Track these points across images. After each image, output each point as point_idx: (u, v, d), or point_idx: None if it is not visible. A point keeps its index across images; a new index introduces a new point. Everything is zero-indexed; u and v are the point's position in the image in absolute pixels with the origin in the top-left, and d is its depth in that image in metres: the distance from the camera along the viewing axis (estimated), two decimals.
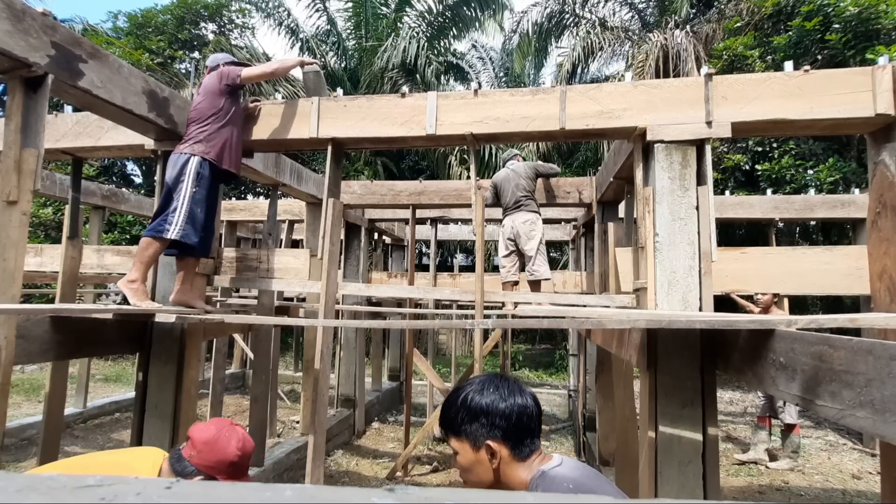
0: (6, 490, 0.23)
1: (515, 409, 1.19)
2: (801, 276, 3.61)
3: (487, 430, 1.18)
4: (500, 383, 1.24)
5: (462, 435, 1.22)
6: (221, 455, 1.55)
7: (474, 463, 1.21)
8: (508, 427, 1.18)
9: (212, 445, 1.55)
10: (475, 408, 1.20)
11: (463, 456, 1.22)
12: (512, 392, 1.22)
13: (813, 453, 6.28)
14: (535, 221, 4.85)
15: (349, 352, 7.13)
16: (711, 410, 2.64)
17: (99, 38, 12.21)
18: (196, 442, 1.55)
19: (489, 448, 1.18)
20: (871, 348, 1.48)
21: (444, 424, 1.28)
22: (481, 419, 1.19)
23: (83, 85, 2.83)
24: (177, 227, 2.94)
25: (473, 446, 1.20)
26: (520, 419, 1.19)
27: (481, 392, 1.22)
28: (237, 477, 1.60)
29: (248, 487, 0.27)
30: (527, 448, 1.20)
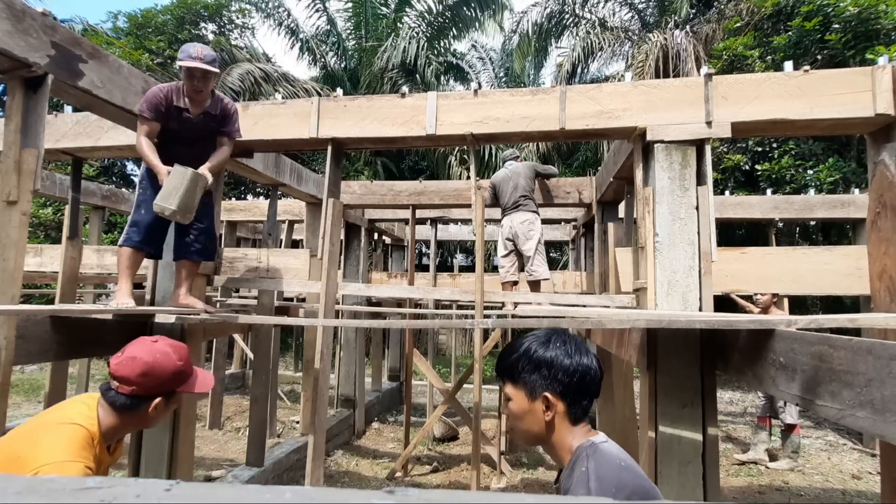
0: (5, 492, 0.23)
1: (580, 369, 1.18)
2: (801, 276, 3.61)
3: (548, 382, 1.18)
4: (566, 339, 1.23)
5: (520, 382, 1.21)
6: (166, 373, 1.54)
7: (527, 412, 1.21)
8: (570, 384, 1.18)
9: (151, 372, 1.51)
10: (538, 359, 1.19)
11: (516, 403, 1.22)
12: (578, 351, 1.21)
13: (813, 453, 6.28)
14: (533, 221, 4.86)
15: (349, 352, 7.13)
16: (711, 410, 2.64)
17: (99, 39, 12.21)
18: (133, 377, 1.49)
19: (546, 399, 1.18)
20: (871, 348, 1.48)
21: (501, 370, 1.26)
22: (543, 370, 1.19)
23: (83, 85, 2.83)
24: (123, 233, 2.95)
25: (530, 395, 1.20)
26: (582, 379, 1.18)
27: (546, 345, 1.21)
28: (190, 374, 1.63)
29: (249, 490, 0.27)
30: (581, 411, 1.20)
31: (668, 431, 2.63)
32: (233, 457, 5.68)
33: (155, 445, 3.31)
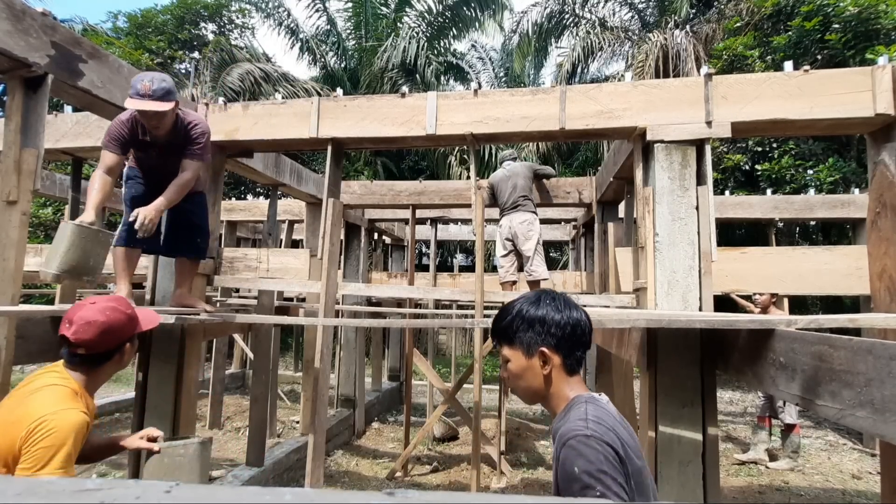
0: (5, 493, 0.23)
1: (571, 321, 1.24)
2: (801, 276, 3.61)
3: (542, 337, 1.23)
4: (555, 296, 1.29)
5: (515, 342, 1.26)
6: (123, 327, 1.66)
7: (525, 369, 1.25)
8: (563, 336, 1.23)
9: (109, 330, 1.61)
10: (531, 317, 1.24)
11: (514, 363, 1.27)
12: (567, 305, 1.27)
13: (813, 453, 6.28)
14: (532, 222, 4.87)
15: (349, 352, 7.13)
16: (711, 410, 2.64)
17: (99, 39, 12.21)
18: (94, 339, 1.57)
19: (543, 354, 1.23)
20: (871, 348, 1.48)
21: (497, 333, 1.31)
22: (536, 327, 1.24)
23: (83, 85, 2.83)
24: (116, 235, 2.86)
25: (526, 353, 1.25)
26: (574, 331, 1.24)
27: (536, 304, 1.26)
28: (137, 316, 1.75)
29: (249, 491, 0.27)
30: (576, 361, 1.25)
31: (668, 431, 2.63)
32: (233, 457, 5.68)
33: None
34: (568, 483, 1.05)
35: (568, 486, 1.05)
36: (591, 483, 1.02)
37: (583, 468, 1.04)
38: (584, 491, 1.02)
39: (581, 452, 1.07)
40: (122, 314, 1.66)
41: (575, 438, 1.09)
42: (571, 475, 1.05)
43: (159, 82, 2.63)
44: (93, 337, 1.57)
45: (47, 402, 1.47)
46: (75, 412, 1.47)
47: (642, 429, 2.83)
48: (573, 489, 1.03)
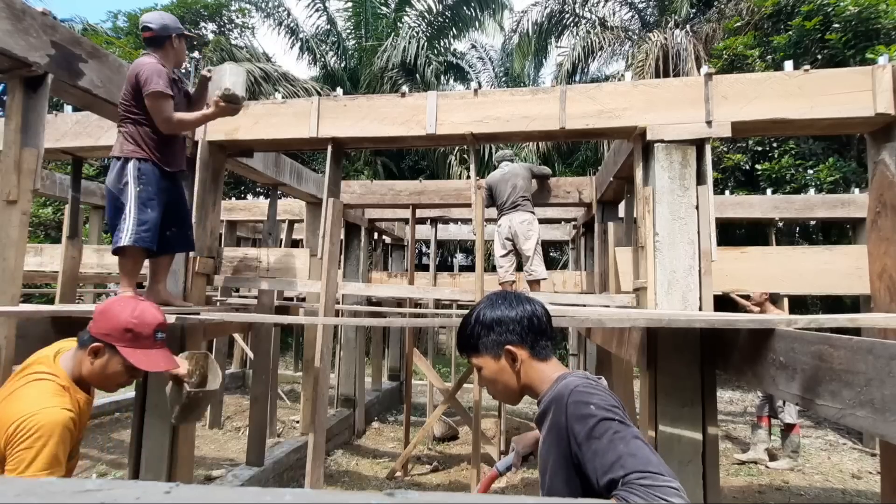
0: (5, 494, 0.23)
1: (526, 314, 1.27)
2: (801, 276, 3.61)
3: (503, 336, 1.26)
4: (506, 296, 1.32)
5: (481, 349, 1.29)
6: (115, 321, 1.58)
7: (498, 372, 1.28)
8: (522, 330, 1.26)
9: (105, 313, 1.59)
10: (487, 321, 1.28)
11: (487, 369, 1.29)
12: (519, 301, 1.30)
13: (813, 453, 6.28)
14: (531, 221, 4.89)
15: (349, 352, 7.13)
16: (711, 410, 2.64)
17: (99, 38, 12.21)
18: (95, 314, 1.60)
19: (509, 353, 1.25)
20: (871, 348, 1.48)
21: (463, 346, 1.34)
22: (496, 328, 1.27)
23: (83, 84, 2.83)
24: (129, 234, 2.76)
25: (494, 356, 1.27)
26: (531, 322, 1.26)
27: (491, 307, 1.29)
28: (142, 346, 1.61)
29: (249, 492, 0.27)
30: (544, 349, 1.28)
31: (668, 431, 2.63)
32: (233, 456, 5.68)
33: (155, 445, 3.31)
34: (582, 424, 1.04)
35: (583, 427, 1.04)
36: (608, 416, 1.03)
37: (597, 404, 1.06)
38: (602, 423, 1.02)
39: (590, 393, 1.09)
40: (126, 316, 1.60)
41: (579, 387, 1.11)
42: (586, 415, 1.05)
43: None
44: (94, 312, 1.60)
45: (30, 400, 1.41)
46: (57, 410, 1.41)
47: (642, 428, 2.83)
48: (589, 425, 1.03)
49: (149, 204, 2.84)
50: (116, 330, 1.57)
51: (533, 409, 6.87)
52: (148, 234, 2.81)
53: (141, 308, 1.64)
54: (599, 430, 1.01)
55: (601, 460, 0.97)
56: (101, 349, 1.57)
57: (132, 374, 1.63)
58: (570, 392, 1.11)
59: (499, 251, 5.09)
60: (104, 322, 1.57)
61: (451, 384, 5.94)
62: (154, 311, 1.67)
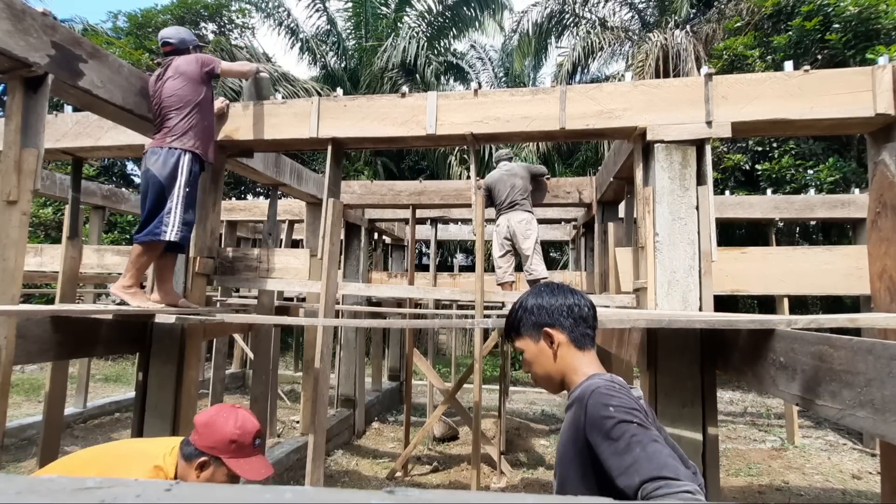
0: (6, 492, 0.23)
1: (567, 304, 1.32)
2: (801, 276, 3.61)
3: (542, 320, 1.31)
4: (554, 287, 1.37)
5: (522, 332, 1.35)
6: (219, 434, 1.61)
7: (537, 354, 1.33)
8: (562, 315, 1.31)
9: (210, 426, 1.62)
10: (530, 307, 1.34)
11: (527, 351, 1.35)
12: (563, 293, 1.35)
13: (813, 453, 6.28)
14: (530, 221, 4.89)
15: (349, 352, 7.13)
16: (711, 410, 2.64)
17: (99, 38, 12.21)
18: (197, 425, 1.64)
19: (546, 334, 1.30)
20: (871, 348, 1.48)
21: (507, 329, 1.40)
22: (536, 312, 1.33)
23: (83, 85, 2.83)
24: (174, 229, 2.88)
25: (534, 338, 1.33)
26: (571, 310, 1.31)
27: (536, 296, 1.36)
28: (245, 455, 1.65)
29: (249, 490, 0.27)
30: (583, 336, 1.31)
31: (668, 431, 2.60)
32: None
33: None
34: (600, 425, 1.06)
35: (600, 428, 1.06)
36: (627, 418, 1.05)
37: (617, 406, 1.08)
38: (620, 426, 1.04)
39: (611, 395, 1.11)
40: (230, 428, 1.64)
41: (601, 388, 1.13)
42: (604, 416, 1.07)
43: None
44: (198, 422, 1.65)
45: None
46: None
47: None
48: (606, 427, 1.05)
49: (191, 206, 3.03)
50: (222, 443, 1.61)
51: (533, 409, 6.86)
52: (189, 234, 3.02)
53: (242, 418, 1.66)
54: (617, 431, 1.03)
55: (618, 461, 1.00)
56: (207, 462, 1.61)
57: (232, 482, 1.66)
58: (591, 392, 1.13)
59: (497, 251, 5.09)
60: (209, 435, 1.61)
61: (451, 384, 5.94)
62: (252, 420, 1.69)
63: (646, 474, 0.95)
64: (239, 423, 1.64)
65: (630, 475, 0.96)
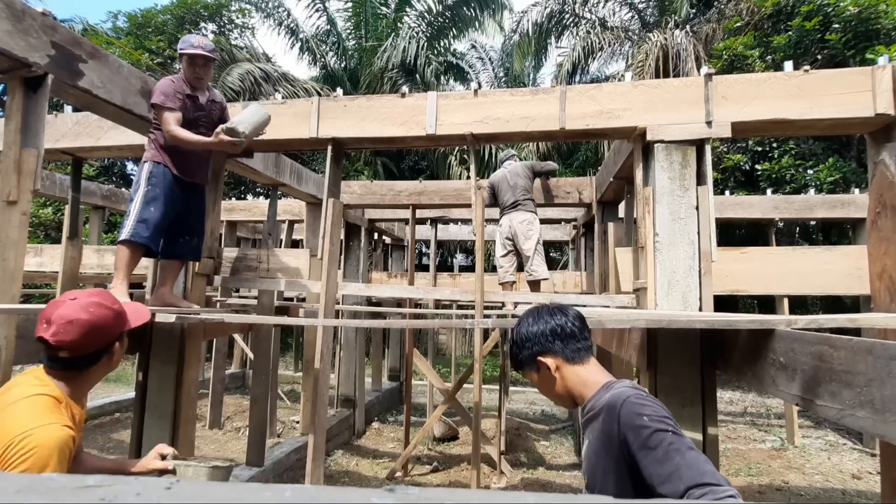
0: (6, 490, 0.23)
1: (549, 327, 1.37)
2: (801, 276, 3.61)
3: (534, 351, 1.37)
4: (536, 313, 1.42)
5: (523, 364, 1.41)
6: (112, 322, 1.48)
7: (541, 382, 1.39)
8: (547, 341, 1.36)
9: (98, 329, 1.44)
10: (520, 339, 1.40)
11: (532, 380, 1.42)
12: (545, 316, 1.40)
13: (813, 453, 6.28)
14: (532, 221, 4.87)
15: (349, 352, 7.13)
16: (711, 410, 2.64)
17: (99, 38, 12.21)
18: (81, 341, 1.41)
19: (541, 364, 1.36)
20: (871, 348, 1.48)
21: (512, 364, 1.47)
22: (526, 345, 1.38)
23: (83, 85, 2.83)
24: (126, 229, 2.86)
25: (533, 369, 1.39)
26: (555, 333, 1.36)
27: (521, 327, 1.41)
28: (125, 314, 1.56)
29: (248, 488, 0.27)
30: (576, 352, 1.36)
31: None
32: (233, 457, 5.68)
33: (155, 445, 3.30)
34: (636, 435, 1.09)
35: (637, 438, 1.09)
36: (662, 427, 1.08)
37: (650, 415, 1.11)
38: (657, 434, 1.07)
39: (643, 405, 1.14)
40: (109, 310, 1.47)
41: (631, 397, 1.16)
42: (640, 425, 1.10)
43: (208, 41, 3.13)
44: (76, 338, 1.38)
45: (24, 417, 1.28)
46: (57, 427, 1.29)
47: None
48: (643, 436, 1.08)
49: (153, 203, 2.92)
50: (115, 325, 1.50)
51: (533, 409, 6.86)
52: (146, 232, 2.87)
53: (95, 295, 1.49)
54: (654, 440, 1.06)
55: (658, 469, 1.03)
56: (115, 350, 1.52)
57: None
58: (622, 402, 1.15)
59: (499, 251, 5.08)
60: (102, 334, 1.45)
61: (451, 384, 5.94)
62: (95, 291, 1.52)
63: (689, 481, 0.98)
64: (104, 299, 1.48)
65: (674, 482, 1.00)
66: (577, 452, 6.18)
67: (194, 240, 3.24)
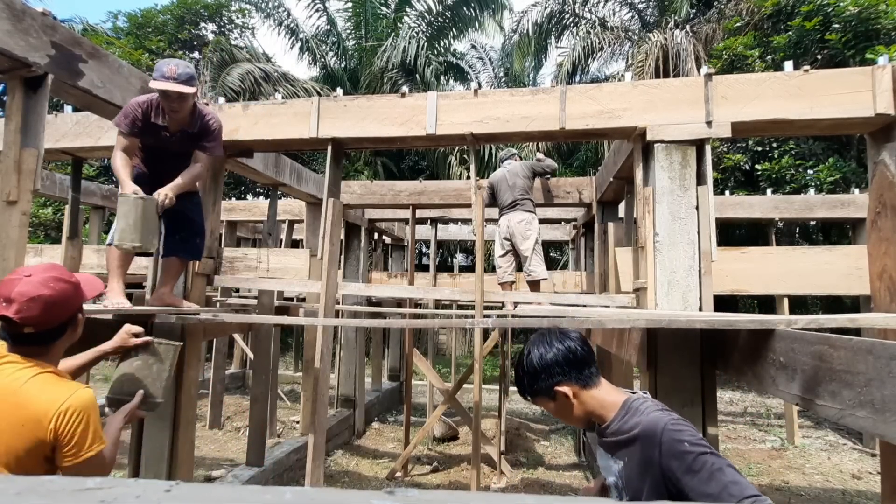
0: (6, 493, 0.23)
1: (561, 353, 1.39)
2: (801, 276, 3.61)
3: (551, 380, 1.39)
4: (543, 338, 1.44)
5: (537, 395, 1.43)
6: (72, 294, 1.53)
7: (558, 410, 1.42)
8: (563, 370, 1.38)
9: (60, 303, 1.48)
10: (533, 370, 1.41)
11: (549, 408, 1.44)
12: (553, 341, 1.42)
13: (813, 453, 6.28)
14: (530, 221, 4.86)
15: (349, 352, 7.13)
16: (711, 410, 2.64)
17: (99, 38, 12.21)
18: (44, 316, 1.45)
19: (559, 393, 1.38)
20: (871, 348, 1.48)
21: (522, 394, 1.48)
22: (542, 376, 1.39)
23: (83, 85, 2.83)
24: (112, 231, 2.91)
25: (549, 398, 1.41)
26: (568, 359, 1.39)
27: (532, 354, 1.42)
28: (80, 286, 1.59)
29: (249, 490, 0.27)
30: (589, 377, 1.40)
31: None
32: (233, 457, 5.68)
33: (155, 445, 3.31)
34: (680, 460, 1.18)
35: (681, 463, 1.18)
36: (702, 450, 1.18)
37: (689, 440, 1.20)
38: (700, 458, 1.17)
39: (682, 430, 1.23)
40: (68, 283, 1.51)
41: (668, 425, 1.25)
42: (683, 451, 1.19)
43: (184, 67, 2.78)
44: (41, 313, 1.42)
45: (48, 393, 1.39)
46: (82, 389, 1.45)
47: None
48: (687, 461, 1.17)
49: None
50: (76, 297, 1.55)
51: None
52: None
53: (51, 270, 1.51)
54: (698, 464, 1.16)
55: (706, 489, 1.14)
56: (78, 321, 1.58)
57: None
58: (662, 431, 1.23)
59: (498, 251, 5.08)
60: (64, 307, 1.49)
61: (451, 384, 5.94)
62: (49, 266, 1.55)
63: (738, 495, 1.10)
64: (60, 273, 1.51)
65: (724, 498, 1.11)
66: (576, 452, 6.18)
67: (193, 239, 3.20)
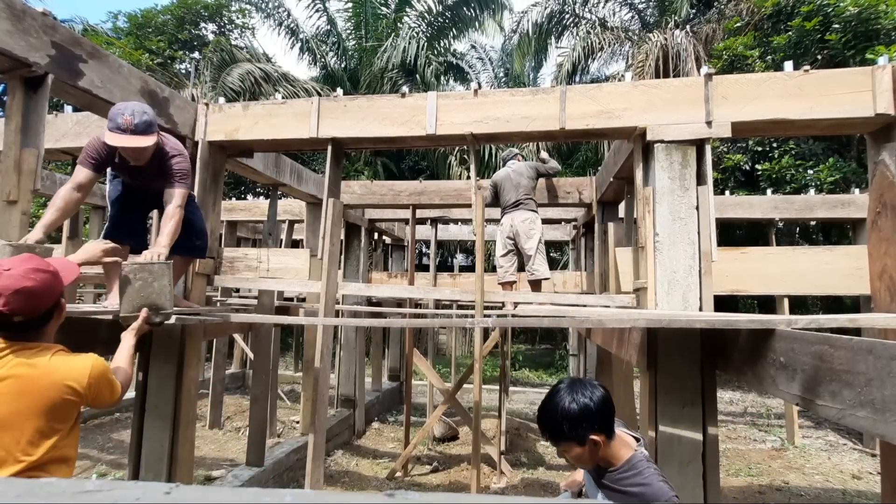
0: (6, 495, 0.23)
1: (600, 401, 1.49)
2: (801, 276, 3.61)
3: (588, 428, 1.47)
4: (582, 387, 1.53)
5: (567, 438, 1.50)
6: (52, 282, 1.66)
7: (580, 455, 1.51)
8: (602, 417, 1.49)
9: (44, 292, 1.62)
10: (574, 416, 1.48)
11: (572, 453, 1.52)
12: (589, 387, 1.52)
13: (813, 453, 6.28)
14: (534, 220, 4.86)
15: (349, 352, 7.13)
16: (711, 410, 2.64)
17: (99, 39, 12.21)
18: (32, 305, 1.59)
19: (593, 441, 1.48)
20: (871, 348, 1.48)
21: (551, 435, 1.54)
22: (583, 423, 1.47)
23: (83, 85, 2.83)
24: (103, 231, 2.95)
25: (579, 444, 1.49)
26: (604, 406, 1.49)
27: (572, 399, 1.50)
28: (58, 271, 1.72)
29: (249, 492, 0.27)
30: (612, 427, 1.53)
31: (669, 431, 2.63)
32: (233, 456, 5.68)
33: (155, 446, 3.31)
34: None
35: None
36: None
37: None
38: None
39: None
40: (47, 273, 1.63)
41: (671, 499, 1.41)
42: None
43: (140, 115, 2.50)
44: (27, 304, 1.56)
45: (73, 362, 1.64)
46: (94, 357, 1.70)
47: (642, 429, 2.83)
48: None
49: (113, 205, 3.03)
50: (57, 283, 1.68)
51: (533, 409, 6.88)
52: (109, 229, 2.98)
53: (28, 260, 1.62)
54: None
55: None
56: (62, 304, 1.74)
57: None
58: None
59: (500, 250, 5.07)
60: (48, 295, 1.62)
61: (451, 384, 5.94)
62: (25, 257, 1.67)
63: None
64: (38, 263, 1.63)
65: None
66: None
67: (192, 238, 3.17)
